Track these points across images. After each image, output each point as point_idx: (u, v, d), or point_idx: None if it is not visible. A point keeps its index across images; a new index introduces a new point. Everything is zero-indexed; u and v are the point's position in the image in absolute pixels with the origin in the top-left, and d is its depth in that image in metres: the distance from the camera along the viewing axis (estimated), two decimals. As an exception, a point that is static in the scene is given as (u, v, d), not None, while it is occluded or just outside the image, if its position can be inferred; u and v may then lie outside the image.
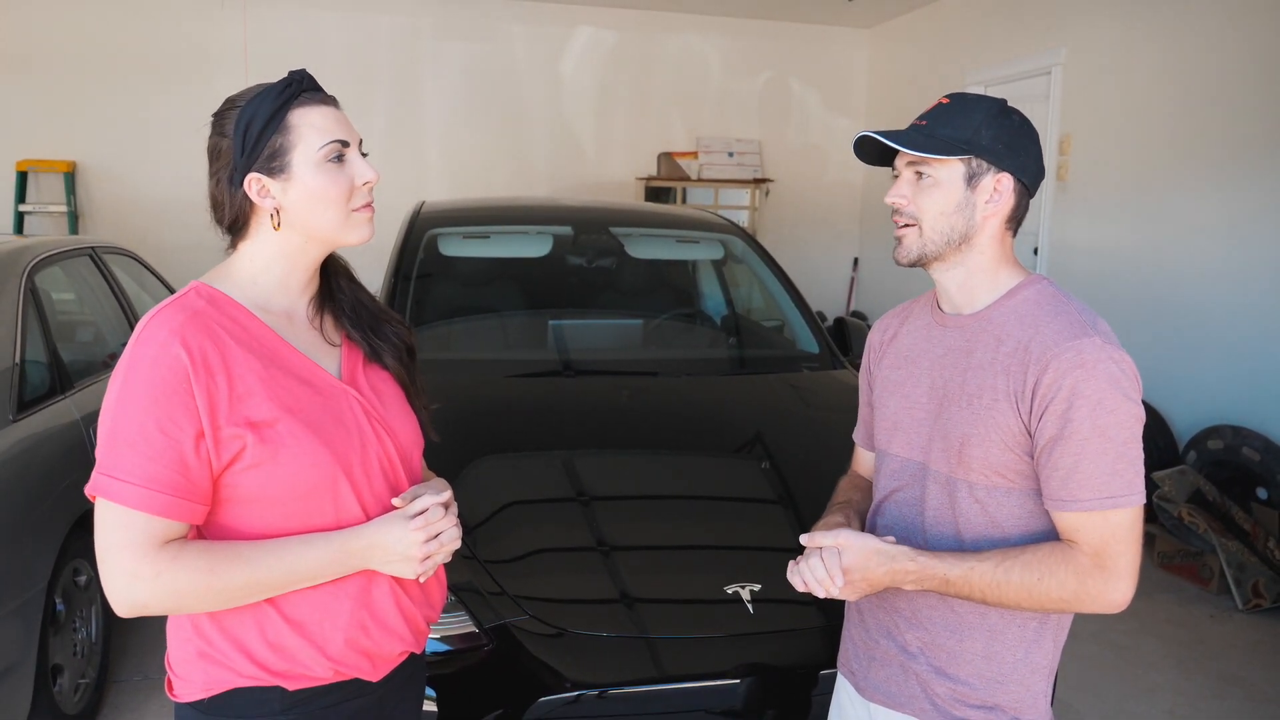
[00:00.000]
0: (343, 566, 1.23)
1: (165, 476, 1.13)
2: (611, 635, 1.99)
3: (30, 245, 3.31)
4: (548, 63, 8.09)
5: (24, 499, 2.59)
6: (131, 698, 3.05)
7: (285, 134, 1.22)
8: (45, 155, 7.22)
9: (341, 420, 1.26)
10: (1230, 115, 4.68)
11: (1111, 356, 1.25)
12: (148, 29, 7.30)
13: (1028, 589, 1.26)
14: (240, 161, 1.22)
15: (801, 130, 8.66)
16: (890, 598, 1.45)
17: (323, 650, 1.24)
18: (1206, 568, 4.13)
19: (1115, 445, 1.24)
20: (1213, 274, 4.76)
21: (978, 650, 1.37)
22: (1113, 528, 1.26)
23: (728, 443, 2.78)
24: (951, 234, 1.35)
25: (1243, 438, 4.38)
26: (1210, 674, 3.42)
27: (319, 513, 1.23)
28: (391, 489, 1.30)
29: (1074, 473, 1.25)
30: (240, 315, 1.23)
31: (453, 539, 1.28)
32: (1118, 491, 1.25)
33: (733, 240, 3.83)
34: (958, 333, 1.39)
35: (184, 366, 1.14)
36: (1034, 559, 1.26)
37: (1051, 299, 1.34)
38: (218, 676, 1.23)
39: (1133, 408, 1.26)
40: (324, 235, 1.26)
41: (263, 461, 1.18)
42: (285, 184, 1.22)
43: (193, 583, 1.15)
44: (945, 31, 7.39)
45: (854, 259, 8.88)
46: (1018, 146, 1.34)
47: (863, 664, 1.50)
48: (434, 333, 3.35)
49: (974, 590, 1.28)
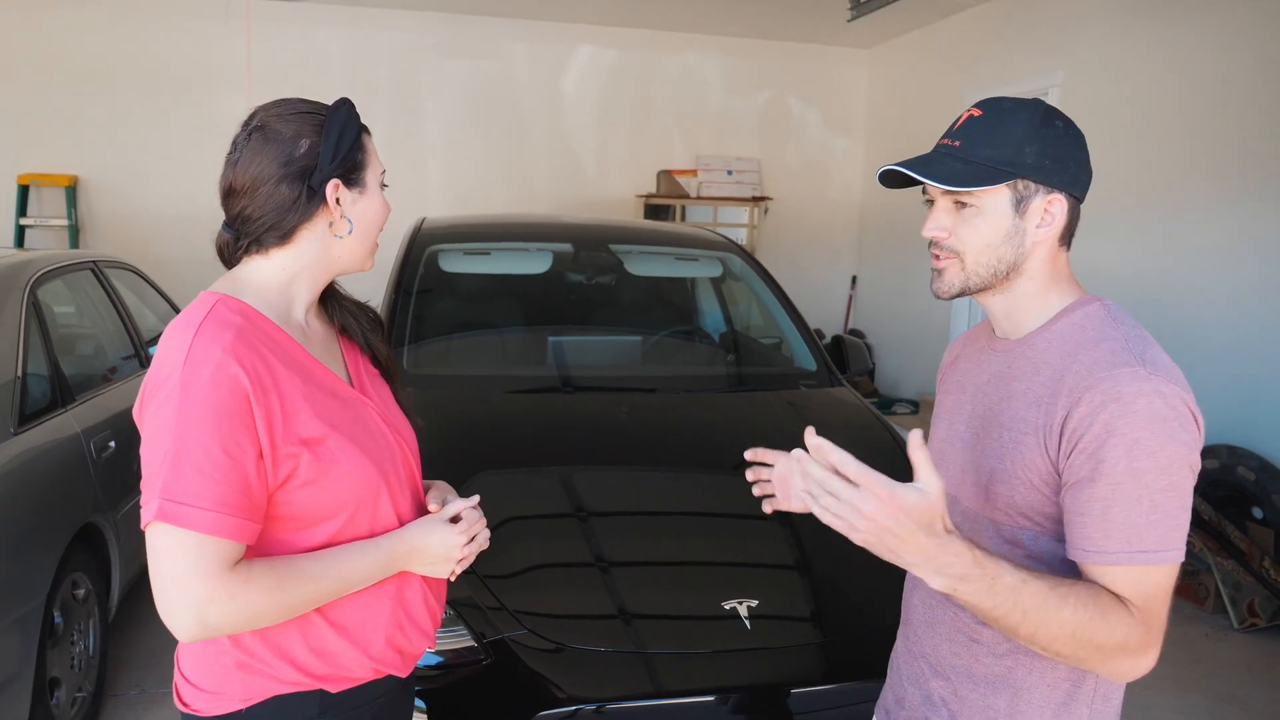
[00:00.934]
0: (387, 570, 1.27)
1: (233, 499, 1.12)
2: (609, 650, 2.00)
3: (32, 259, 3.32)
4: (549, 80, 8.15)
5: (24, 512, 2.59)
6: (129, 711, 3.04)
7: (362, 151, 1.28)
8: (47, 169, 7.25)
9: (369, 430, 1.29)
10: (1227, 137, 4.72)
11: (1158, 390, 1.09)
12: (150, 44, 7.34)
13: (1077, 626, 1.06)
14: (330, 165, 1.23)
15: (800, 149, 8.71)
16: (918, 642, 1.36)
17: (366, 651, 1.28)
18: (1202, 587, 4.14)
19: (1152, 492, 1.07)
20: (1209, 294, 4.79)
21: (1001, 707, 1.23)
22: (1150, 585, 1.09)
23: (725, 459, 2.79)
24: (999, 265, 1.20)
25: (1238, 457, 4.40)
26: (1206, 693, 3.43)
27: (361, 522, 1.26)
28: (414, 491, 1.36)
29: (1100, 520, 1.09)
30: (271, 330, 1.23)
31: (485, 539, 1.36)
32: (1150, 546, 1.08)
33: (731, 258, 3.85)
34: (1002, 358, 1.27)
35: (243, 386, 1.13)
36: (1090, 595, 1.08)
37: (1100, 323, 1.18)
38: (257, 686, 1.23)
39: (1179, 450, 1.08)
40: (356, 255, 1.30)
41: (316, 478, 1.19)
42: (358, 197, 1.27)
43: (266, 602, 1.15)
44: (944, 52, 7.45)
45: (852, 277, 8.91)
46: (1067, 157, 1.19)
47: (893, 710, 1.44)
48: (434, 349, 3.36)
49: (1018, 606, 1.06)
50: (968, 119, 1.22)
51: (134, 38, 7.31)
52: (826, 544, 2.13)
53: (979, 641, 1.25)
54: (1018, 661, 1.22)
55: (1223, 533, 4.24)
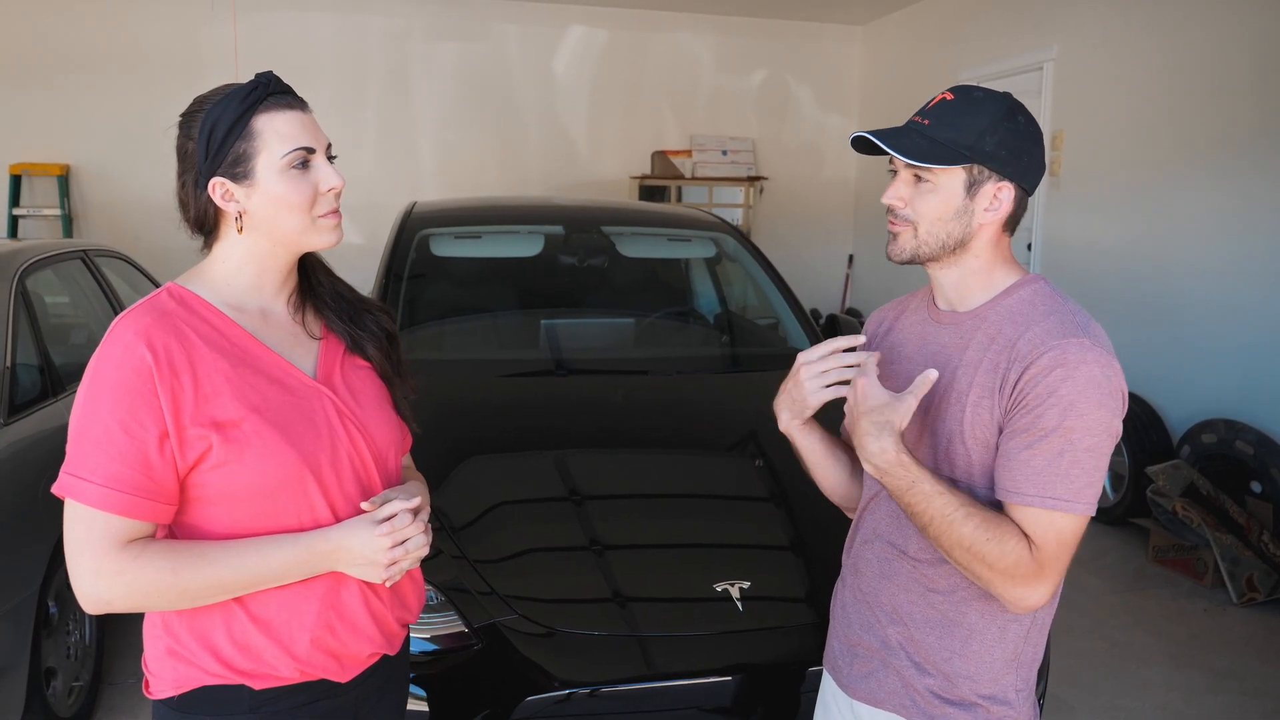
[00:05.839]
0: (309, 568, 1.23)
1: (128, 476, 1.14)
2: (601, 634, 1.99)
3: (22, 249, 3.31)
4: (540, 62, 8.09)
5: (15, 502, 2.58)
6: (125, 700, 3.05)
7: (249, 140, 1.21)
8: (39, 159, 7.22)
9: (312, 420, 1.26)
10: (1223, 109, 4.68)
11: (1096, 359, 1.22)
12: (140, 32, 7.29)
13: (972, 542, 1.23)
14: (204, 165, 1.22)
15: (795, 128, 8.67)
16: (872, 593, 1.44)
17: (289, 650, 1.24)
18: (1201, 562, 4.14)
19: (1075, 450, 1.21)
20: (1206, 268, 4.77)
21: (956, 647, 1.36)
22: (1055, 531, 1.23)
23: (720, 441, 2.78)
24: (947, 240, 1.32)
25: (1236, 431, 4.39)
26: (1205, 668, 3.43)
27: (288, 513, 1.23)
28: (363, 490, 1.30)
29: (1024, 465, 1.23)
30: (211, 315, 1.23)
31: (419, 546, 1.26)
32: (1062, 495, 1.21)
33: (724, 238, 3.83)
34: (952, 330, 1.38)
35: (148, 366, 1.14)
36: (993, 520, 1.24)
37: (1046, 299, 1.32)
38: (186, 674, 1.24)
39: (1105, 416, 1.22)
40: (288, 240, 1.27)
41: (228, 461, 1.18)
42: (249, 189, 1.22)
43: (156, 581, 1.15)
44: (938, 28, 7.40)
45: (849, 256, 8.88)
46: (1021, 151, 1.30)
47: (846, 660, 1.50)
48: (426, 333, 3.35)
49: (929, 510, 1.25)
50: (940, 101, 1.33)
51: (123, 26, 7.27)
52: (819, 525, 2.13)
53: (935, 590, 1.37)
54: (970, 606, 1.35)
55: (1221, 507, 4.23)
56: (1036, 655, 1.40)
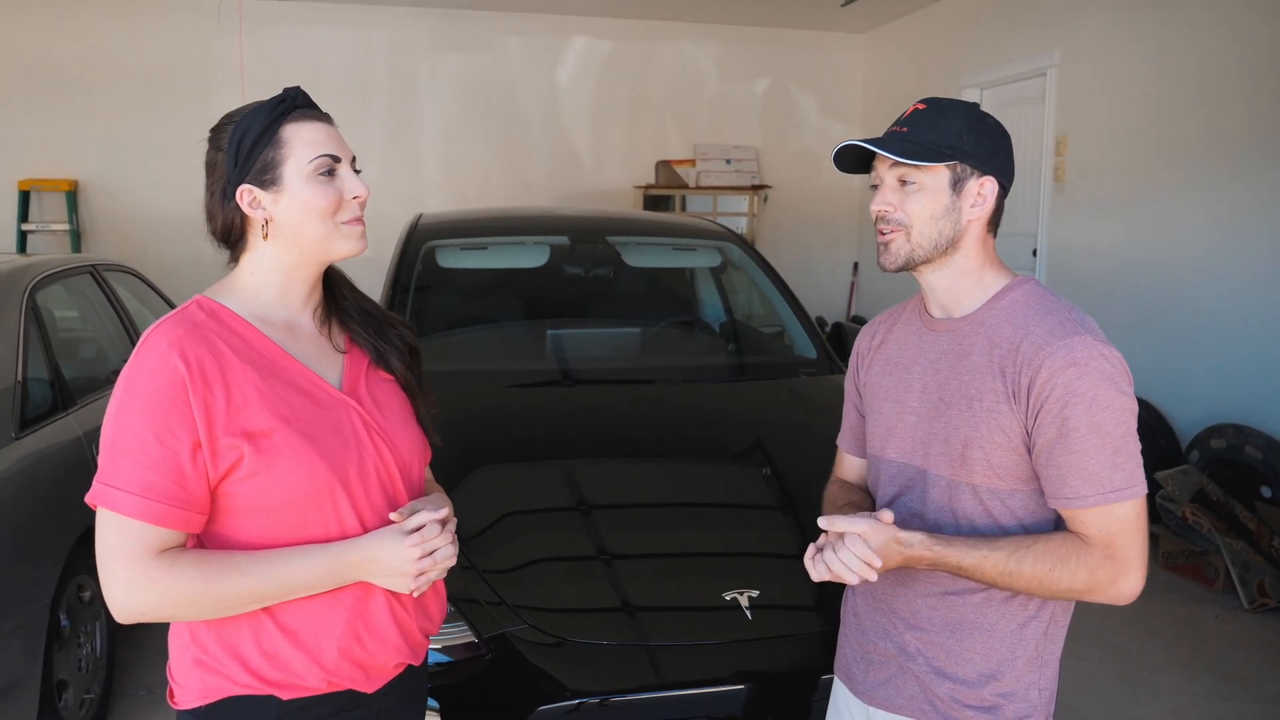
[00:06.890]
0: (338, 578, 1.24)
1: (161, 485, 1.15)
2: (611, 643, 1.99)
3: (32, 264, 3.33)
4: (544, 73, 8.13)
5: (27, 516, 2.60)
6: (136, 712, 3.05)
7: (278, 148, 1.25)
8: (47, 174, 7.26)
9: (339, 431, 1.27)
10: (1225, 114, 4.68)
11: (1102, 353, 1.28)
12: (147, 48, 7.34)
13: (1039, 579, 1.28)
14: (233, 174, 1.25)
15: (799, 136, 8.68)
16: (887, 599, 1.45)
17: (317, 660, 1.25)
18: (1211, 567, 4.12)
19: (1113, 440, 1.27)
20: (1212, 272, 4.76)
21: (976, 649, 1.37)
22: (1119, 520, 1.28)
23: (727, 449, 2.79)
24: (939, 238, 1.35)
25: (1245, 436, 4.38)
26: (1215, 675, 3.41)
27: (316, 524, 1.24)
28: (389, 501, 1.31)
29: (1075, 470, 1.28)
30: (240, 327, 1.25)
31: (447, 556, 1.28)
32: (1120, 485, 1.27)
33: (729, 247, 3.84)
34: (949, 336, 1.40)
35: (181, 377, 1.16)
36: (1046, 549, 1.29)
37: (1040, 299, 1.36)
38: (214, 685, 1.24)
39: (1127, 401, 1.28)
40: (313, 248, 1.28)
41: (259, 471, 1.19)
42: (276, 196, 1.25)
43: (188, 591, 1.16)
44: (940, 35, 7.41)
45: (854, 263, 8.88)
46: (997, 149, 1.37)
47: (860, 667, 1.50)
48: (433, 344, 3.35)
49: (986, 577, 1.30)
50: (914, 111, 1.39)
51: (130, 42, 7.32)
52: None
53: (954, 594, 1.39)
54: (990, 606, 1.37)
55: (1231, 512, 4.22)
56: (1056, 654, 1.42)
